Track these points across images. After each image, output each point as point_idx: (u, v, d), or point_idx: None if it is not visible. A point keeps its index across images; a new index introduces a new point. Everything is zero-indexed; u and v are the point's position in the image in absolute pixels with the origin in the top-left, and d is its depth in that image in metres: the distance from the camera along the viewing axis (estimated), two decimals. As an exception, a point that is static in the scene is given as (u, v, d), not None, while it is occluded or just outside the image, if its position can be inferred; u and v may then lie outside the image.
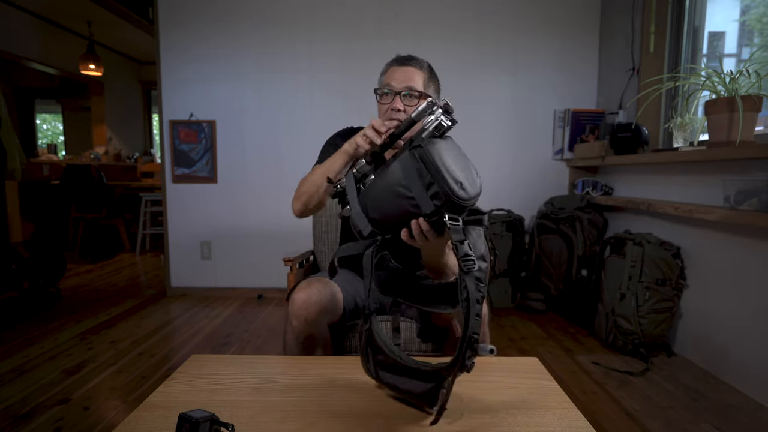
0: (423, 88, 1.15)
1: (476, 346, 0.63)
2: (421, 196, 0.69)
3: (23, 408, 1.48)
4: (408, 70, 1.15)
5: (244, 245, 2.89)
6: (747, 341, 1.62)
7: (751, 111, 1.57)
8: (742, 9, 2.04)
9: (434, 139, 0.72)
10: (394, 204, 0.72)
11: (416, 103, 1.13)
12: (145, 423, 0.69)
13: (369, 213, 0.76)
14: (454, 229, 0.67)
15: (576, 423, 0.70)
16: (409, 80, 1.13)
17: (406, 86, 1.12)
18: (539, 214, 2.66)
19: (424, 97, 1.14)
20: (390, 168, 0.74)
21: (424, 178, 0.68)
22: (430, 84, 1.18)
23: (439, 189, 0.67)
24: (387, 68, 1.19)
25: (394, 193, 0.72)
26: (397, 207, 0.72)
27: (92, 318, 2.44)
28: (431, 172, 0.68)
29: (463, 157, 0.76)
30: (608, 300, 2.04)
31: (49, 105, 6.84)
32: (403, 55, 1.19)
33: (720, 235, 1.76)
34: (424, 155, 0.69)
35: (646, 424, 1.41)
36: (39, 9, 4.47)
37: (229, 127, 2.83)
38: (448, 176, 0.67)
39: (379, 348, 0.76)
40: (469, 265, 0.64)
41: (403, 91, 1.12)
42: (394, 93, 1.13)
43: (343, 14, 2.74)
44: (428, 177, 0.68)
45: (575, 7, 2.72)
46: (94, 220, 4.37)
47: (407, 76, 1.13)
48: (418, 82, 1.14)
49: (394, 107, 1.12)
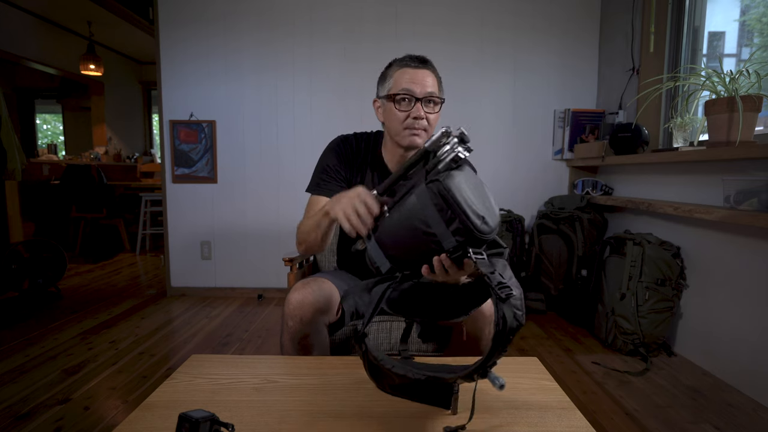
0: (439, 93, 1.09)
1: (489, 373, 0.61)
2: (443, 232, 0.66)
3: (23, 408, 1.48)
4: (426, 73, 1.07)
5: (244, 245, 2.90)
6: (747, 341, 1.62)
7: (751, 111, 1.57)
8: (742, 9, 2.04)
9: (451, 171, 0.69)
10: (414, 240, 0.69)
11: (437, 110, 1.09)
12: (145, 423, 0.69)
13: (387, 250, 0.73)
14: (481, 262, 0.64)
15: (576, 423, 0.70)
16: (429, 85, 1.06)
17: (428, 92, 1.06)
18: (539, 214, 2.66)
19: (440, 103, 1.09)
20: (407, 203, 0.71)
21: (445, 214, 0.66)
22: (441, 88, 1.12)
23: (461, 225, 0.65)
24: (398, 69, 1.09)
25: (413, 230, 0.69)
26: (416, 243, 0.69)
27: (92, 318, 2.44)
28: (452, 208, 0.65)
29: (480, 185, 0.73)
30: (608, 300, 2.04)
31: (49, 105, 6.83)
32: (416, 56, 1.10)
33: (720, 235, 1.76)
34: (443, 190, 0.66)
35: (646, 424, 1.41)
36: (39, 9, 4.47)
37: (229, 127, 2.83)
38: (470, 211, 0.65)
39: (384, 373, 0.71)
40: (506, 291, 0.60)
41: (425, 97, 1.05)
42: (414, 99, 1.05)
43: (343, 14, 2.74)
44: (449, 212, 0.65)
45: (575, 7, 2.72)
46: (95, 220, 4.37)
47: (425, 80, 1.06)
48: (435, 87, 1.08)
49: (418, 116, 1.06)
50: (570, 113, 2.73)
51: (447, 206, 0.66)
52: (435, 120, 1.10)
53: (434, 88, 1.07)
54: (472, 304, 0.79)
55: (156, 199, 4.25)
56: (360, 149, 1.21)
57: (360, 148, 1.21)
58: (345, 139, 1.22)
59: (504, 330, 0.58)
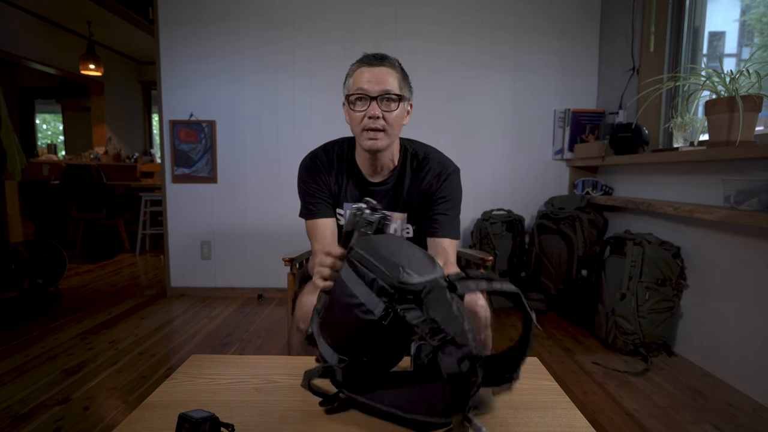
0: (399, 90, 1.03)
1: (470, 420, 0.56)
2: (370, 299, 0.63)
3: (23, 408, 1.48)
4: (381, 70, 1.02)
5: (244, 245, 2.89)
6: (747, 341, 1.62)
7: (751, 111, 1.57)
8: (742, 9, 2.04)
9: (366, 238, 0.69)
10: (347, 318, 0.66)
11: (394, 108, 1.03)
12: (145, 423, 0.69)
13: (331, 339, 0.71)
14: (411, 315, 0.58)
15: (576, 423, 0.70)
16: (384, 82, 1.01)
17: (382, 89, 1.01)
18: (539, 214, 2.66)
19: (401, 100, 1.03)
20: (336, 285, 0.70)
21: (366, 278, 0.64)
22: (405, 85, 1.07)
23: (383, 281, 0.62)
24: (355, 69, 1.06)
25: (343, 307, 0.66)
26: (350, 320, 0.65)
27: (92, 318, 2.44)
28: (369, 268, 0.63)
29: (408, 246, 0.70)
30: (608, 300, 2.04)
31: (49, 105, 6.84)
32: (372, 54, 1.05)
33: (720, 235, 1.76)
34: (358, 256, 0.65)
35: (646, 424, 1.41)
36: (39, 9, 4.47)
37: (229, 127, 2.83)
38: (384, 265, 0.62)
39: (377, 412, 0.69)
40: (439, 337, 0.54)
41: (380, 95, 1.01)
42: (369, 98, 1.01)
43: (342, 14, 2.74)
44: (369, 275, 0.63)
45: (575, 7, 2.72)
46: (94, 220, 4.37)
47: (381, 78, 1.01)
48: (394, 84, 1.02)
49: (372, 114, 1.01)
50: (570, 113, 2.73)
51: (366, 269, 0.64)
52: (396, 119, 1.05)
53: (393, 86, 1.02)
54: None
55: (156, 199, 4.25)
56: (332, 161, 1.18)
57: (332, 160, 1.18)
58: (314, 156, 1.19)
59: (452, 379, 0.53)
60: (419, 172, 1.16)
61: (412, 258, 0.65)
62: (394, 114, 1.04)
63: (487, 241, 2.59)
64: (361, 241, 0.67)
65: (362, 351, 0.69)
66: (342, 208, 1.21)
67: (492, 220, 2.61)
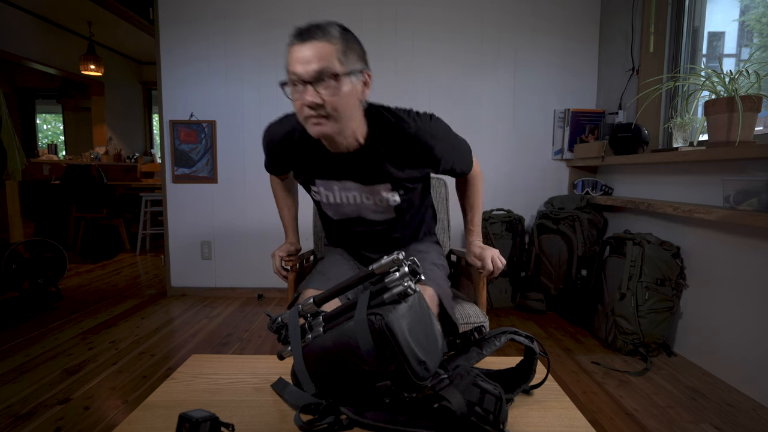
0: (339, 65, 0.85)
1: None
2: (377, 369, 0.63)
3: (24, 408, 1.49)
4: (313, 46, 0.84)
5: (244, 245, 2.90)
6: (747, 341, 1.62)
7: (751, 111, 1.57)
8: (741, 9, 2.04)
9: (397, 306, 0.64)
10: (346, 368, 0.66)
11: (336, 87, 0.86)
12: (145, 423, 0.69)
13: (314, 369, 0.71)
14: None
15: (576, 423, 0.70)
16: (317, 60, 0.84)
17: (315, 70, 0.84)
18: (539, 214, 2.66)
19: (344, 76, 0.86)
20: (344, 329, 0.67)
21: (383, 352, 0.62)
22: (348, 55, 0.87)
23: (399, 368, 0.62)
24: (288, 48, 0.88)
25: (345, 358, 0.65)
26: (348, 372, 0.66)
27: (93, 318, 2.44)
28: (391, 350, 0.62)
29: (428, 320, 0.69)
30: (608, 300, 2.04)
31: (50, 105, 6.83)
32: (303, 27, 0.87)
33: (720, 235, 1.76)
34: (384, 328, 0.62)
35: (646, 424, 1.41)
36: (39, 9, 4.47)
37: (229, 127, 2.83)
38: (411, 357, 0.62)
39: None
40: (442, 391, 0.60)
41: (315, 78, 0.84)
42: (303, 82, 0.85)
43: (342, 14, 2.74)
44: (388, 351, 0.62)
45: (575, 7, 2.72)
46: (95, 220, 4.37)
47: (313, 56, 0.84)
48: (331, 60, 0.84)
49: (308, 102, 0.85)
50: (570, 113, 2.73)
51: (386, 346, 0.62)
52: (341, 102, 0.88)
53: (329, 63, 0.84)
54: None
55: (156, 199, 4.26)
56: (285, 132, 1.08)
57: (285, 131, 1.08)
58: (267, 129, 1.12)
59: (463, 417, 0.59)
60: (394, 142, 1.01)
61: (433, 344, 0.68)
62: (338, 96, 0.87)
63: (486, 241, 2.59)
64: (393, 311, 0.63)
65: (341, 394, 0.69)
66: (315, 185, 1.13)
67: (492, 219, 2.61)
